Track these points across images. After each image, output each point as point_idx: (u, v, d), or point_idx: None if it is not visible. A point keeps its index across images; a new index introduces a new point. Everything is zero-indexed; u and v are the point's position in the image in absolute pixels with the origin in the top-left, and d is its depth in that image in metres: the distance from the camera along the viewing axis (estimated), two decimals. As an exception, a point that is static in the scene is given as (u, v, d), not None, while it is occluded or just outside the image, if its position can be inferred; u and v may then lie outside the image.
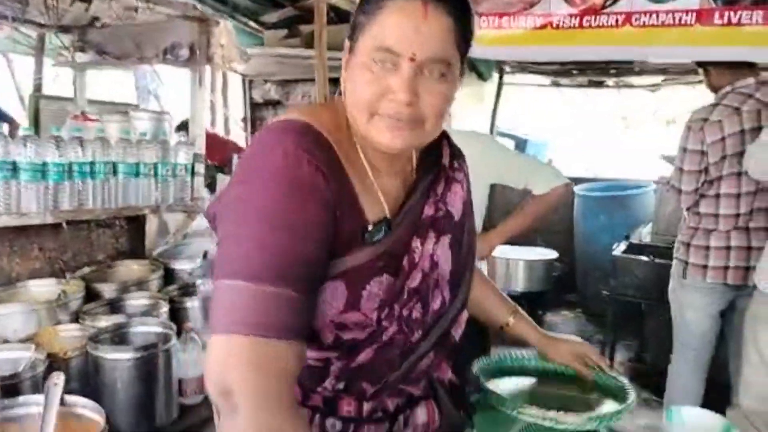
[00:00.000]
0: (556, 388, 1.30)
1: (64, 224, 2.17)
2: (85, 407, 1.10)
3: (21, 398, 1.14)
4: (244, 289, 0.73)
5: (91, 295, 2.06)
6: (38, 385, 1.42)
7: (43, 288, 2.05)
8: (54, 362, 1.59)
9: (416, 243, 0.93)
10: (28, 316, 1.81)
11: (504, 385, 1.29)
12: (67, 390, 1.30)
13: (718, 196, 2.44)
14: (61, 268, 2.23)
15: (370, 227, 0.87)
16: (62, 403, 1.11)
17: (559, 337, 1.35)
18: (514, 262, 4.53)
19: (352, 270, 0.85)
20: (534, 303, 4.63)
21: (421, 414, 1.01)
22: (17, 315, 1.80)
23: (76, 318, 1.91)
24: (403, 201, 0.95)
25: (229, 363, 0.72)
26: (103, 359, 1.57)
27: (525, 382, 1.34)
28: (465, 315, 1.06)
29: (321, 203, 0.80)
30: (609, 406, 1.20)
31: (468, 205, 1.06)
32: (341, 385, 0.92)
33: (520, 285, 4.55)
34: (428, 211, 0.97)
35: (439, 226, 0.97)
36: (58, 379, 1.15)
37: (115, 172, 2.30)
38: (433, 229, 0.96)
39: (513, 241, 2.74)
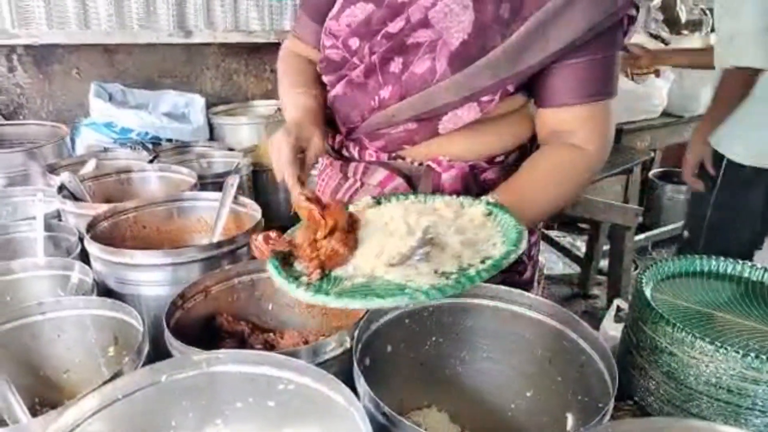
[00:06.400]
0: None
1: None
2: (247, 206, 1.15)
3: (204, 193, 1.22)
4: None
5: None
6: (242, 186, 1.56)
7: (272, 107, 2.20)
8: (259, 171, 1.72)
9: None
10: (249, 129, 1.96)
11: None
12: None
13: None
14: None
15: None
16: (235, 200, 1.18)
17: None
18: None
19: None
20: None
21: (377, 175, 0.97)
22: (242, 127, 1.98)
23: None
24: None
25: None
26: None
27: None
28: (470, 113, 0.88)
29: None
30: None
31: None
32: (330, 110, 1.00)
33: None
34: None
35: None
36: (234, 180, 1.20)
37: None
38: None
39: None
